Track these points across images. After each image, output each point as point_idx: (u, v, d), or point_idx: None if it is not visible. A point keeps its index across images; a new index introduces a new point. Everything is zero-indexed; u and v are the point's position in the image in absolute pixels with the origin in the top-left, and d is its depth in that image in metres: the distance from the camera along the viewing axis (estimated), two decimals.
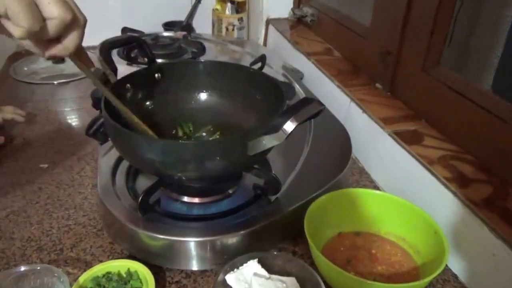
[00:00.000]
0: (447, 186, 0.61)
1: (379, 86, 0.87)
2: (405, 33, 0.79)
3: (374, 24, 0.90)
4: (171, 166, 0.53)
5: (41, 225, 0.66)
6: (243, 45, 1.23)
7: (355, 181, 0.78)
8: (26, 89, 1.07)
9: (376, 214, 0.62)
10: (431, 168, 0.64)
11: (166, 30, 1.24)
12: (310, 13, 1.17)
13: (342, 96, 0.88)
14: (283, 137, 0.47)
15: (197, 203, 0.62)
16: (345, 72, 0.95)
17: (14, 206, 0.69)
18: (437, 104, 0.73)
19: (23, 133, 0.90)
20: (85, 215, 0.68)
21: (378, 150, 0.77)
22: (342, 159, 0.71)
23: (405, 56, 0.80)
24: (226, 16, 1.32)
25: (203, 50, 1.04)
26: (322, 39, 1.13)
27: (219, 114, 0.70)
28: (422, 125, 0.75)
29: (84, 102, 1.01)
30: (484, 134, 0.64)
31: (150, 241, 0.56)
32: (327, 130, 0.79)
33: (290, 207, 0.61)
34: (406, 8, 0.77)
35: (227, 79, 0.70)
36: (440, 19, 0.72)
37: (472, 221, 0.56)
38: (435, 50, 0.74)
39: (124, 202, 0.61)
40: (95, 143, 0.65)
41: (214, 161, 0.51)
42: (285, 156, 0.71)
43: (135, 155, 0.56)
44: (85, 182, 0.75)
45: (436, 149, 0.68)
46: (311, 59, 1.02)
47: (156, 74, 0.68)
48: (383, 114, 0.78)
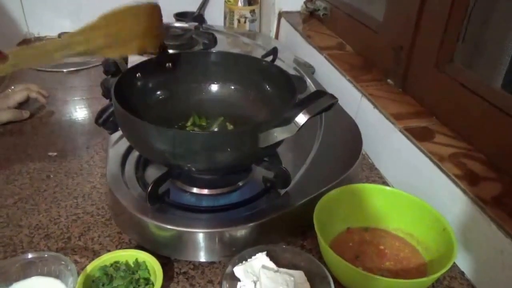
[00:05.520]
0: (457, 184, 0.60)
1: (391, 82, 0.86)
2: (418, 29, 0.78)
3: (387, 19, 0.89)
4: (181, 156, 0.53)
5: (49, 213, 0.66)
6: (255, 37, 1.23)
7: (364, 177, 0.78)
8: (35, 77, 1.07)
9: (385, 210, 0.62)
10: (441, 165, 0.63)
11: (178, 20, 1.24)
12: (322, 7, 1.16)
13: (354, 91, 0.87)
14: (295, 130, 0.47)
15: (206, 194, 0.62)
16: (356, 67, 0.94)
17: (22, 194, 0.70)
18: (448, 101, 0.73)
19: (34, 119, 0.90)
20: (94, 204, 0.68)
21: (389, 146, 0.76)
22: (352, 154, 0.71)
23: (417, 52, 0.79)
24: (238, 8, 1.31)
25: (215, 42, 1.04)
26: (334, 33, 1.12)
27: (230, 106, 0.70)
28: (433, 121, 0.74)
29: (94, 91, 1.01)
30: (495, 133, 0.64)
31: (158, 231, 0.56)
32: (338, 125, 0.78)
33: (300, 201, 0.60)
34: (420, 3, 0.76)
35: (239, 71, 0.69)
36: (454, 15, 0.71)
37: (481, 219, 0.56)
38: (448, 46, 0.73)
39: (133, 192, 0.61)
40: (104, 132, 0.65)
41: (225, 152, 0.51)
42: (295, 150, 0.71)
43: (145, 145, 0.56)
44: (94, 171, 0.75)
45: (447, 146, 0.68)
46: (323, 54, 1.01)
47: (167, 63, 0.68)
48: (394, 110, 0.77)
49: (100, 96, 0.72)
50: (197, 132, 0.63)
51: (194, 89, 0.70)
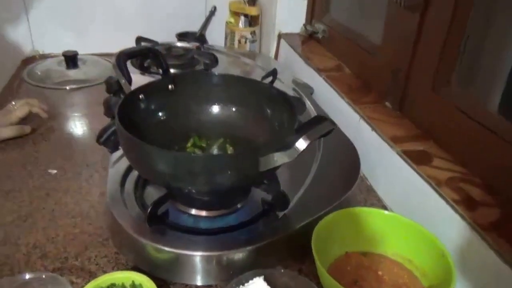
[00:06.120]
0: (455, 209, 0.60)
1: (389, 104, 0.87)
2: (415, 52, 0.79)
3: (384, 42, 0.91)
4: (182, 178, 0.53)
5: (46, 232, 0.66)
6: (255, 58, 1.24)
7: (362, 199, 0.78)
8: (38, 93, 1.08)
9: (384, 234, 0.62)
10: (439, 190, 0.64)
11: (180, 40, 1.25)
12: (321, 29, 1.18)
13: (352, 113, 0.88)
14: (294, 155, 0.48)
15: (205, 216, 0.62)
16: (355, 89, 0.96)
17: (20, 211, 0.70)
18: (445, 125, 0.73)
19: (35, 136, 0.91)
20: (91, 224, 0.68)
21: (386, 168, 0.77)
22: (350, 177, 0.71)
23: (414, 75, 0.80)
24: (239, 29, 1.33)
25: (216, 62, 1.05)
26: (333, 55, 1.14)
27: (231, 127, 0.71)
28: (430, 145, 0.75)
29: (95, 109, 1.02)
30: (492, 157, 0.64)
31: (155, 253, 0.56)
32: (336, 147, 0.79)
33: (298, 224, 0.60)
34: (417, 27, 0.77)
35: (239, 93, 0.70)
36: (451, 39, 0.72)
37: (479, 244, 0.55)
38: (446, 70, 0.74)
39: (131, 212, 0.61)
40: (104, 150, 0.65)
41: (225, 175, 0.51)
42: (294, 171, 0.71)
43: (146, 166, 0.56)
44: (92, 190, 0.75)
45: (445, 170, 0.68)
46: (322, 75, 1.02)
47: (169, 85, 0.69)
48: (392, 133, 0.78)
49: (101, 113, 0.73)
50: (197, 155, 0.63)
51: (195, 110, 0.71)
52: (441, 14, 0.72)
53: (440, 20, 0.72)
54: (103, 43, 1.31)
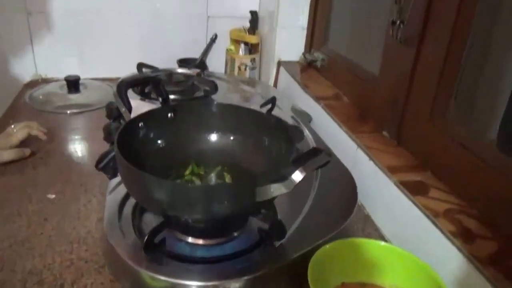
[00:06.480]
0: (452, 241, 0.60)
1: (386, 134, 0.88)
2: (412, 84, 0.81)
3: (382, 74, 0.92)
4: (179, 208, 0.53)
5: (43, 257, 0.66)
6: (254, 85, 1.26)
7: (360, 228, 0.78)
8: (39, 117, 1.09)
9: (381, 265, 0.61)
10: (436, 222, 0.64)
11: (181, 66, 1.27)
12: (320, 58, 1.20)
13: (350, 142, 0.89)
14: (291, 186, 0.48)
15: (201, 244, 0.62)
16: (353, 118, 0.97)
17: (18, 236, 0.70)
18: (443, 156, 0.74)
19: (34, 159, 0.92)
20: (88, 250, 0.67)
21: (384, 198, 0.77)
22: (348, 206, 0.72)
23: (412, 106, 0.82)
24: (239, 56, 1.36)
25: (215, 89, 1.07)
26: (332, 83, 1.16)
27: (229, 155, 0.71)
28: (428, 175, 0.75)
29: (96, 133, 1.02)
30: (489, 190, 0.65)
31: (152, 281, 0.56)
32: (334, 176, 0.80)
33: (295, 253, 0.60)
34: (414, 61, 0.79)
35: (238, 122, 0.71)
36: (447, 73, 0.73)
37: (477, 278, 0.55)
38: (442, 102, 0.76)
39: (128, 240, 0.61)
40: (102, 174, 0.65)
41: (222, 205, 0.52)
42: (291, 200, 0.72)
43: (143, 194, 0.57)
44: (90, 215, 0.75)
45: (442, 201, 0.68)
46: (320, 103, 1.04)
47: (169, 113, 0.70)
48: (389, 163, 0.78)
49: (101, 138, 0.74)
50: (195, 185, 0.64)
51: (194, 138, 0.72)
52: (437, 48, 0.74)
53: (435, 54, 0.74)
54: (105, 68, 1.34)
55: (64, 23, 1.30)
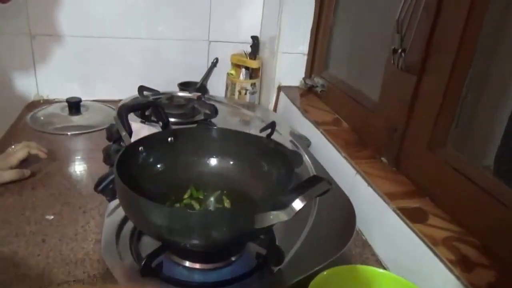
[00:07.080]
0: (451, 270, 0.60)
1: (385, 160, 0.89)
2: (412, 112, 0.82)
3: (382, 100, 0.94)
4: (177, 233, 0.53)
5: (40, 280, 0.65)
6: (254, 109, 1.28)
7: (358, 254, 0.78)
8: (41, 138, 1.10)
9: None
10: (435, 249, 0.64)
11: (181, 90, 1.29)
12: (320, 84, 1.22)
13: (348, 168, 0.89)
14: (291, 214, 0.49)
15: (199, 269, 0.62)
16: (352, 143, 0.98)
17: (15, 258, 0.69)
18: (441, 184, 0.74)
19: (34, 180, 0.92)
20: (85, 272, 0.67)
21: (382, 224, 0.77)
22: (346, 232, 0.72)
23: (411, 134, 0.82)
24: (239, 81, 1.38)
25: (215, 113, 1.08)
26: (331, 109, 1.17)
27: (228, 180, 0.72)
28: (426, 202, 0.76)
29: (95, 155, 1.03)
30: (488, 218, 0.65)
31: None
32: (332, 201, 0.80)
33: (293, 279, 0.60)
34: (414, 89, 0.80)
35: (238, 147, 0.72)
36: (447, 102, 0.74)
37: None
38: (442, 130, 0.76)
39: (125, 263, 0.61)
40: (101, 196, 0.66)
41: (220, 231, 0.52)
42: (289, 226, 0.71)
43: (141, 219, 0.57)
44: (88, 237, 0.75)
45: (440, 229, 0.68)
46: (319, 128, 1.05)
47: (169, 138, 0.71)
48: (388, 189, 0.79)
49: (101, 159, 0.74)
50: (193, 211, 0.64)
51: (193, 162, 0.72)
52: (438, 78, 0.75)
53: (436, 83, 0.75)
54: (107, 90, 1.35)
55: (67, 46, 1.32)
